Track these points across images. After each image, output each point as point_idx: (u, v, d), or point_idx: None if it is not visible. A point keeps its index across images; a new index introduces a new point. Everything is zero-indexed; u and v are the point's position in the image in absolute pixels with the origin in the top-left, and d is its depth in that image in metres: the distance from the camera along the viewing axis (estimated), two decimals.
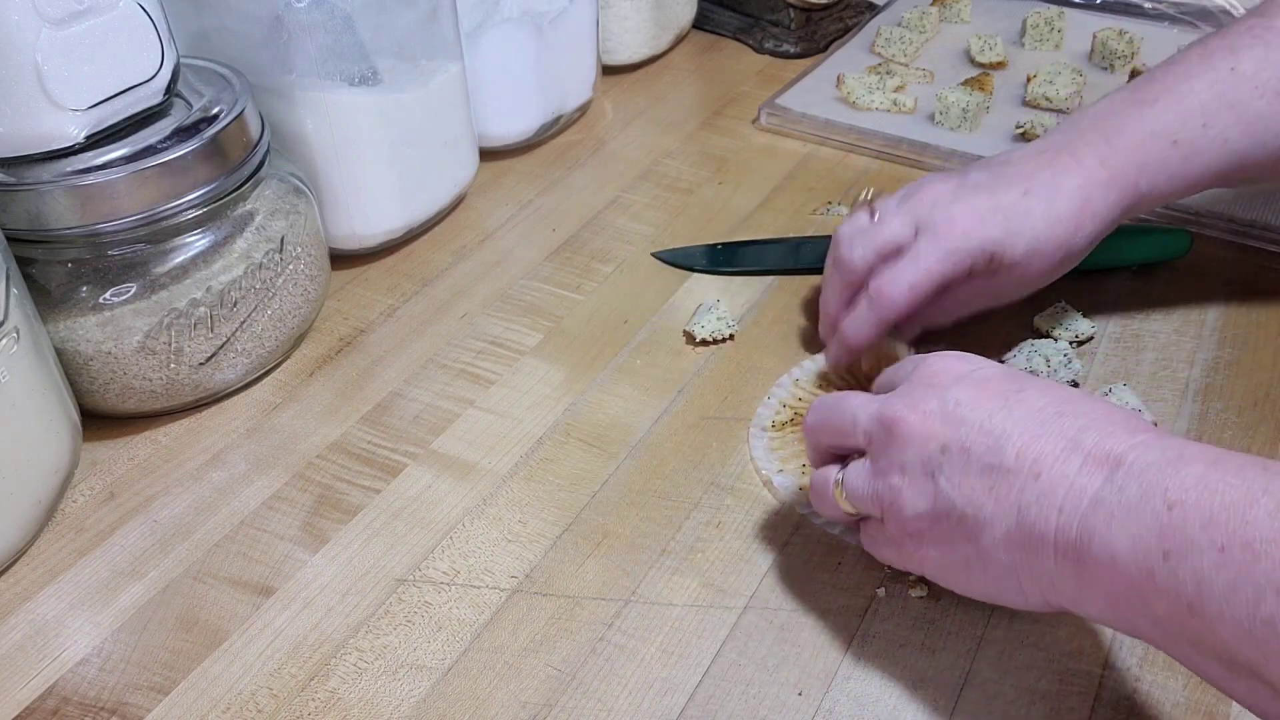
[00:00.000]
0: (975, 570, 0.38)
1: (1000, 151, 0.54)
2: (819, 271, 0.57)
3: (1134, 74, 0.77)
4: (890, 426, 0.39)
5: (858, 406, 0.42)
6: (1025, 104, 0.77)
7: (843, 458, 0.43)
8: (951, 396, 0.38)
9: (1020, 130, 0.73)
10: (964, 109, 0.73)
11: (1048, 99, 0.76)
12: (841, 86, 0.78)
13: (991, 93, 0.77)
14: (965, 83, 0.77)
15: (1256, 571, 0.30)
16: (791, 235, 0.66)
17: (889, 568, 0.46)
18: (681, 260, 0.65)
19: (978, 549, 0.37)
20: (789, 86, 0.80)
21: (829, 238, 0.55)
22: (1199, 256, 0.62)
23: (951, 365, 0.40)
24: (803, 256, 0.64)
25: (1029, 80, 0.77)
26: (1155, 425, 0.41)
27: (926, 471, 0.38)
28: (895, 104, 0.77)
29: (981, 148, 0.71)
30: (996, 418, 0.37)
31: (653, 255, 0.65)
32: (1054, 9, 0.85)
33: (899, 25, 0.86)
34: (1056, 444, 0.36)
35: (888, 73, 0.80)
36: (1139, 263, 0.62)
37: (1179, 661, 0.34)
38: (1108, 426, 0.36)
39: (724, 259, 0.65)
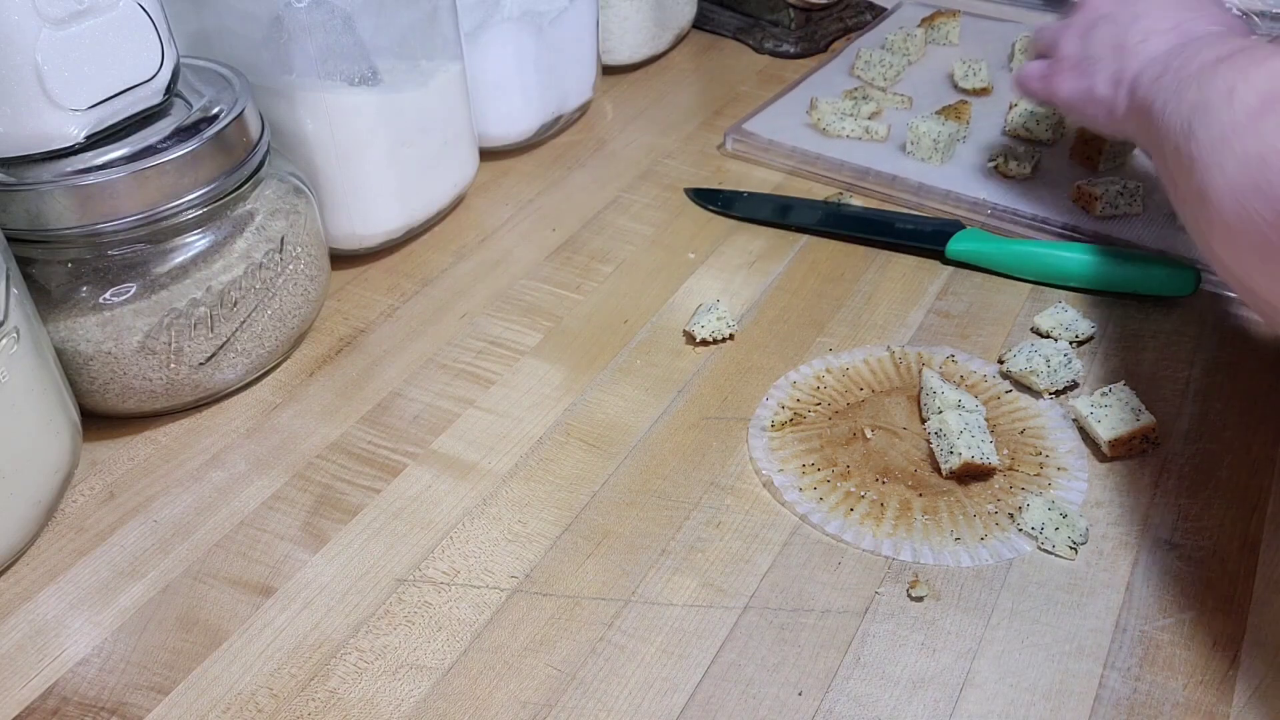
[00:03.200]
0: (1087, 96, 0.57)
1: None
2: (841, 236, 0.66)
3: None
4: (1082, 2, 0.59)
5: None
6: (1005, 134, 0.74)
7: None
8: None
9: (993, 164, 0.70)
10: (935, 139, 0.70)
11: (1028, 129, 0.73)
12: (813, 112, 0.76)
13: (968, 121, 0.74)
14: (940, 111, 0.75)
15: (1185, 68, 0.47)
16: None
17: (888, 565, 0.46)
18: (715, 201, 0.71)
19: (1091, 82, 0.56)
20: (761, 109, 0.78)
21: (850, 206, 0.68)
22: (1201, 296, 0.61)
23: None
24: (831, 219, 0.68)
25: (1010, 108, 0.74)
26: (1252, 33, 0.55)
27: (1086, 28, 0.58)
28: (867, 131, 0.74)
29: (952, 181, 0.69)
30: (1149, 6, 0.55)
31: (686, 191, 0.72)
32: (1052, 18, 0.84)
33: (881, 48, 0.84)
34: (1169, 33, 0.52)
35: (864, 97, 0.78)
36: (1144, 294, 0.60)
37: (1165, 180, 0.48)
38: (1206, 23, 0.52)
39: (755, 208, 0.69)
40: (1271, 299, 0.40)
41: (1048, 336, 0.57)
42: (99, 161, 0.49)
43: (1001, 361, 0.56)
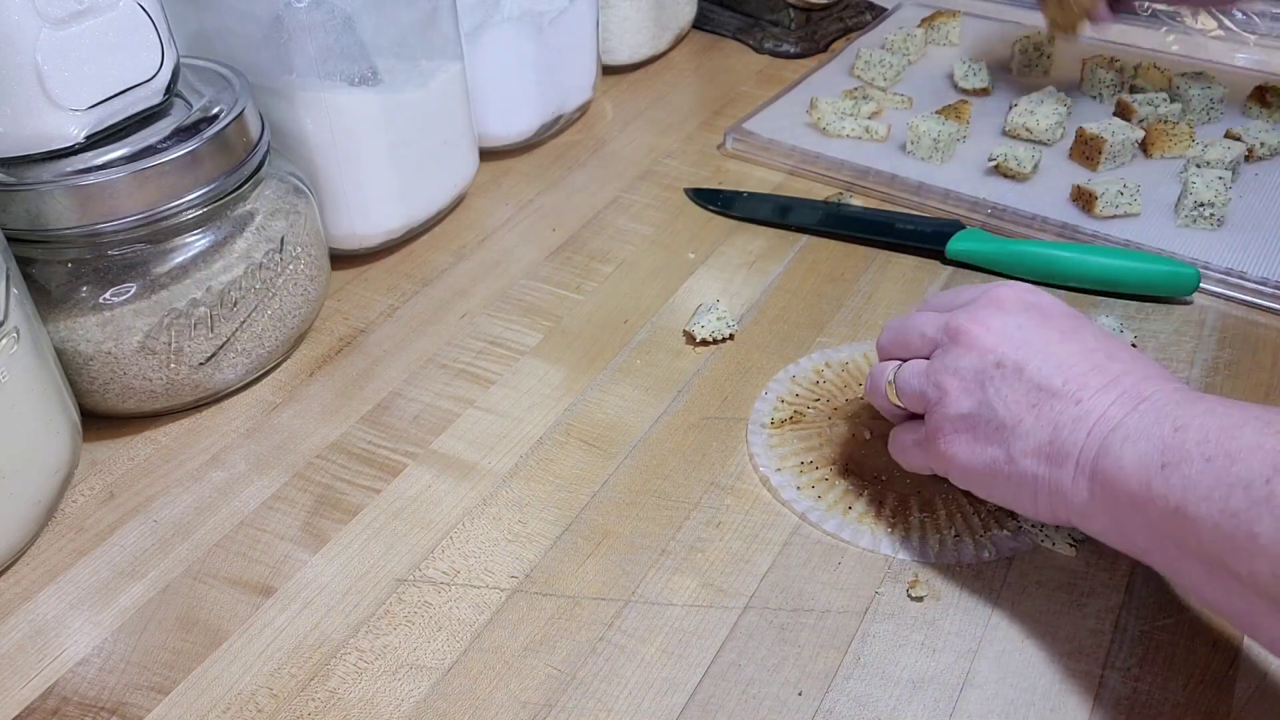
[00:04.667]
0: (999, 475, 0.42)
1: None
2: (841, 236, 0.66)
3: (1120, 105, 0.75)
4: (955, 334, 0.44)
5: (925, 322, 0.46)
6: (1005, 134, 0.74)
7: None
8: (1015, 320, 0.43)
9: (993, 163, 0.70)
10: (935, 139, 0.71)
11: (1028, 129, 0.73)
12: (813, 111, 0.76)
13: (968, 121, 0.74)
14: (940, 111, 0.75)
15: (1231, 473, 0.35)
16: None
17: (888, 565, 0.46)
18: (715, 201, 0.70)
19: (1008, 454, 0.41)
20: (761, 109, 0.78)
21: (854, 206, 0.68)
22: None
23: (1020, 293, 0.45)
24: (831, 219, 0.67)
25: (1011, 108, 0.74)
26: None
27: (978, 379, 0.42)
28: (867, 131, 0.74)
29: (952, 181, 0.69)
30: (1054, 347, 0.42)
31: (686, 191, 0.71)
32: (1044, 33, 0.83)
33: (881, 48, 0.84)
34: (1101, 380, 0.40)
35: (864, 97, 0.78)
36: (1144, 294, 0.60)
37: (1167, 572, 0.39)
38: (1147, 375, 0.40)
39: (754, 208, 0.69)
40: None
41: None
42: (99, 161, 0.49)
43: None
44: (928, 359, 0.45)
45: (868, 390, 0.49)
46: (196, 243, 0.52)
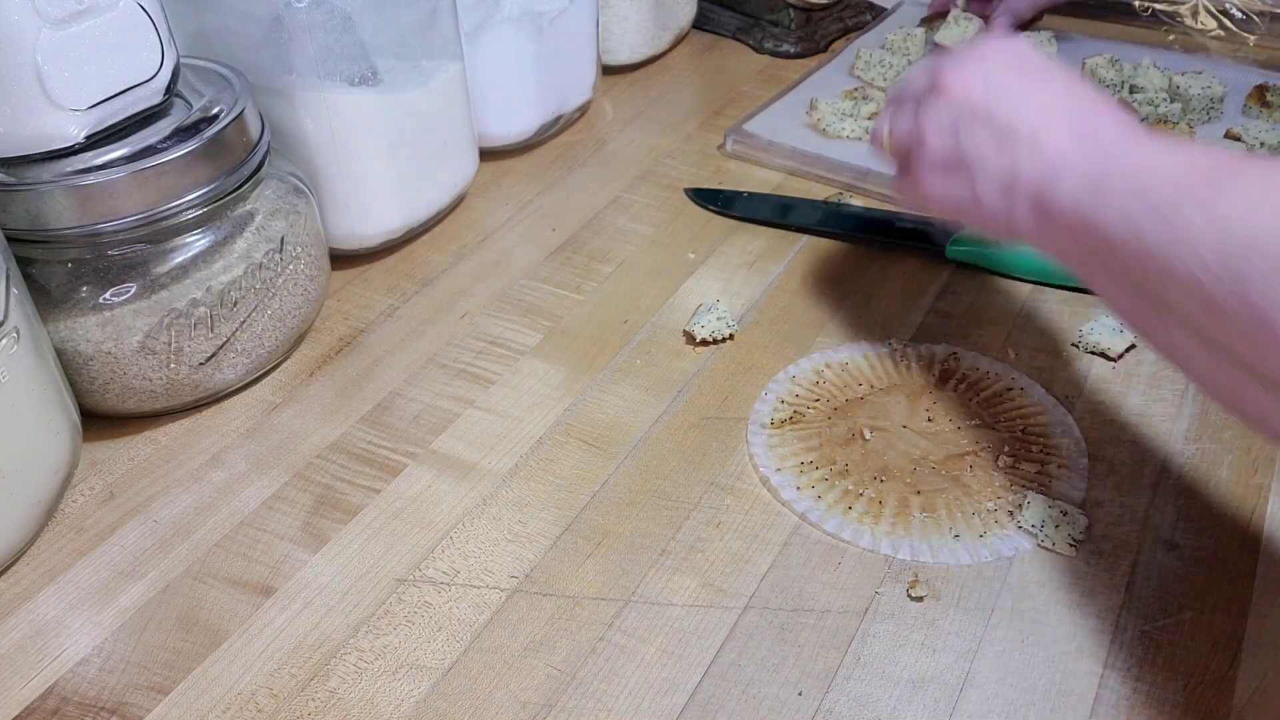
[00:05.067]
0: (966, 208, 0.47)
1: None
2: (841, 236, 0.66)
3: (1120, 105, 0.75)
4: (939, 86, 0.47)
5: (920, 74, 0.50)
6: None
7: None
8: (994, 71, 0.46)
9: None
10: None
11: None
12: (813, 112, 0.76)
13: None
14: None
15: (1148, 200, 0.37)
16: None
17: (888, 565, 0.46)
18: (715, 201, 0.70)
19: (973, 191, 0.45)
20: (761, 109, 0.78)
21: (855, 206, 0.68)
22: None
23: (1004, 47, 0.47)
24: (831, 219, 0.67)
25: None
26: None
27: (953, 126, 0.46)
28: (867, 132, 0.74)
29: None
30: (1026, 95, 0.45)
31: (686, 191, 0.71)
32: (1044, 33, 0.83)
33: (881, 48, 0.84)
34: (1064, 127, 0.43)
35: (864, 98, 0.78)
36: None
37: (1099, 291, 0.42)
38: (1110, 121, 0.42)
39: (754, 208, 0.69)
40: None
41: (1103, 355, 0.57)
42: (99, 161, 0.49)
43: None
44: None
45: (870, 142, 0.54)
46: (196, 243, 0.52)
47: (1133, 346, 0.57)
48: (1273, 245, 0.33)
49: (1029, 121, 0.43)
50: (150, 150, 0.50)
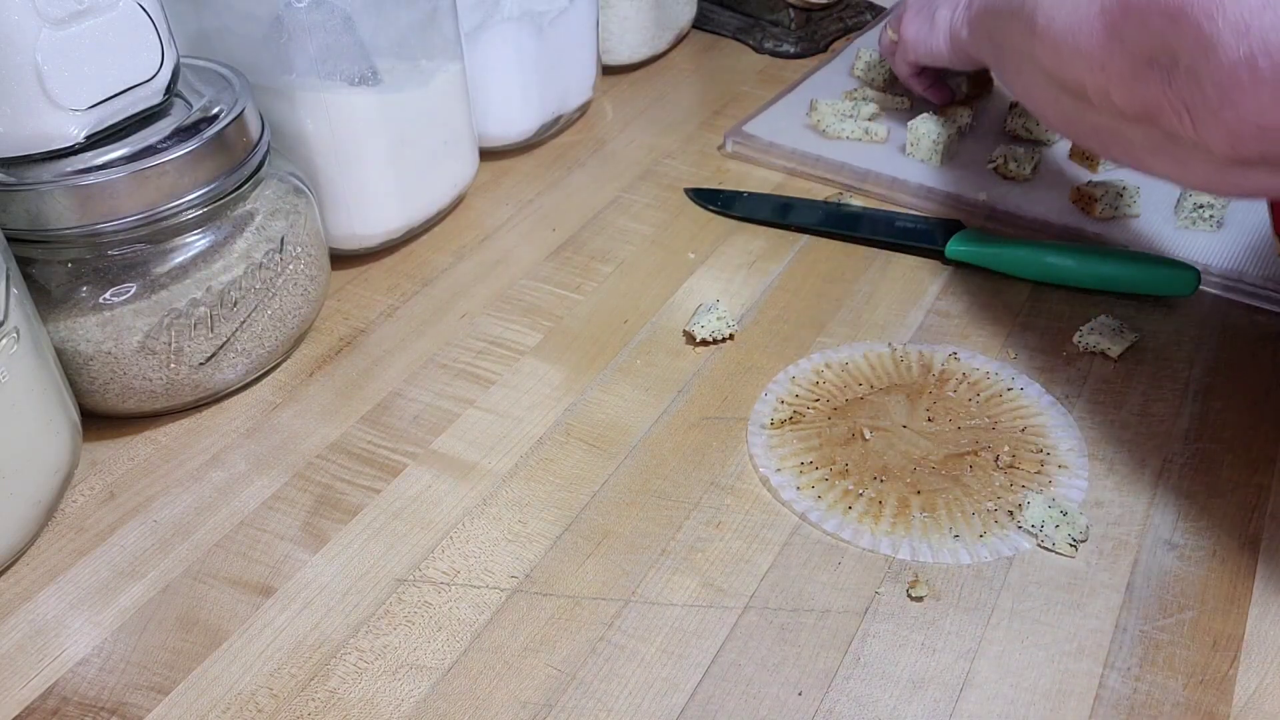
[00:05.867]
0: (929, 28, 0.67)
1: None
2: (841, 236, 0.67)
3: None
4: None
5: None
6: (1005, 133, 0.74)
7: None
8: None
9: (993, 164, 0.70)
10: (934, 140, 0.70)
11: (1027, 129, 0.73)
12: (813, 114, 0.76)
13: (968, 122, 0.74)
14: (940, 111, 0.74)
15: None
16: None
17: (888, 564, 0.46)
18: (715, 201, 0.71)
19: (932, 18, 0.67)
20: (761, 110, 0.78)
21: (852, 206, 0.70)
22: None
23: None
24: (831, 219, 0.68)
25: (1011, 109, 0.74)
26: None
27: None
28: (867, 133, 0.74)
29: (952, 181, 0.69)
30: None
31: (686, 191, 0.72)
32: None
33: None
34: None
35: (864, 98, 0.78)
36: (1144, 294, 0.60)
37: (992, 64, 0.60)
38: None
39: (754, 208, 0.69)
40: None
41: (1103, 355, 0.57)
42: (99, 161, 0.49)
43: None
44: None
45: (879, 42, 0.78)
46: (196, 243, 0.52)
47: (1132, 346, 0.57)
48: None
49: None
50: (150, 150, 0.50)
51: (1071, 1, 0.46)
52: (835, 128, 0.75)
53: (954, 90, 0.76)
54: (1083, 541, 0.47)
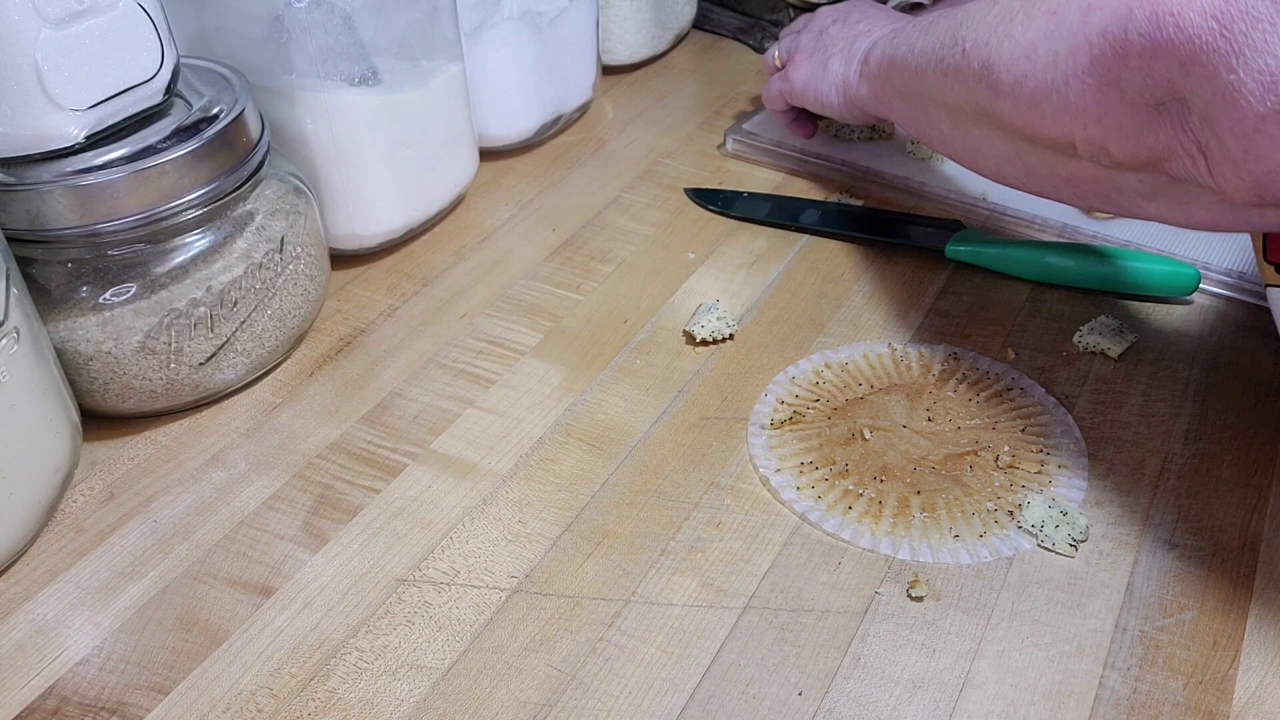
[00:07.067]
0: (821, 76, 0.66)
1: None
2: (841, 236, 0.67)
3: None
4: (818, 13, 0.70)
5: (801, 18, 0.73)
6: None
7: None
8: (847, 7, 0.69)
9: None
10: None
11: None
12: None
13: None
14: None
15: (931, 37, 0.53)
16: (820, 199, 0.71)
17: (888, 564, 0.46)
18: (715, 201, 0.71)
19: (825, 65, 0.66)
20: (761, 110, 0.78)
21: (859, 207, 0.70)
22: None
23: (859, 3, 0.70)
24: (831, 219, 0.68)
25: None
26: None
27: (821, 27, 0.68)
28: (867, 133, 0.74)
29: (952, 181, 0.69)
30: (869, 10, 0.67)
31: (686, 191, 0.72)
32: None
33: None
34: (888, 20, 0.65)
35: None
36: (1144, 294, 0.60)
37: (892, 114, 0.60)
38: (907, 22, 0.59)
39: (754, 208, 0.69)
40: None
41: (1103, 355, 0.57)
42: (99, 161, 0.49)
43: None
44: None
45: (764, 63, 0.74)
46: (196, 243, 0.52)
47: (1132, 346, 0.57)
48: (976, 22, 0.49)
49: (870, 23, 0.65)
50: (150, 150, 0.50)
51: (1045, 57, 0.43)
52: (835, 127, 0.75)
53: (816, 126, 0.74)
54: (1083, 541, 0.47)
